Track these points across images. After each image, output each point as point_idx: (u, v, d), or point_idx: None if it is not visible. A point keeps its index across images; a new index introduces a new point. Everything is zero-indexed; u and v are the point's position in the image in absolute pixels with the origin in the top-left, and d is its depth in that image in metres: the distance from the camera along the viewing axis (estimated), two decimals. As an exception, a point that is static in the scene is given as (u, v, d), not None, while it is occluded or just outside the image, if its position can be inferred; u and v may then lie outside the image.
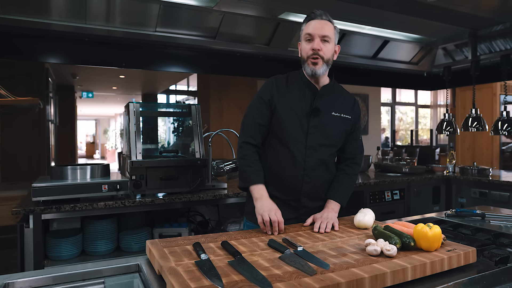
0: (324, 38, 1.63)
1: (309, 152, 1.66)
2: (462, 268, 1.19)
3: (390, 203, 3.22)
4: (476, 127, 3.52)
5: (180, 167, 2.39)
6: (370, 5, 2.76)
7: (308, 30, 1.64)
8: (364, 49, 3.72)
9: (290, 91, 1.70)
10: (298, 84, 1.72)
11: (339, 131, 1.73)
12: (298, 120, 1.67)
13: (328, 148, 1.71)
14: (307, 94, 1.70)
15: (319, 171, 1.70)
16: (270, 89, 1.70)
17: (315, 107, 1.67)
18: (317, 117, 1.67)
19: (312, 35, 1.63)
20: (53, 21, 2.56)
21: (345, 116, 1.74)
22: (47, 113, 6.00)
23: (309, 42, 1.65)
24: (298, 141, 1.66)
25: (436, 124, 10.31)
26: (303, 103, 1.69)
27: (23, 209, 1.98)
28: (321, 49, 1.63)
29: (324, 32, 1.63)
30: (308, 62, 1.65)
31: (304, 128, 1.67)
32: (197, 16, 2.84)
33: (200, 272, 1.03)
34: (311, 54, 1.64)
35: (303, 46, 1.67)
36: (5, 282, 1.10)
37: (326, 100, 1.71)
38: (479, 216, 1.88)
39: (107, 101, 14.45)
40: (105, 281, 1.20)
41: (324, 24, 1.64)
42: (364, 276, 1.01)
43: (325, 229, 1.51)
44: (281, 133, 1.68)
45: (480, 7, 2.90)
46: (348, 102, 1.79)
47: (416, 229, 1.23)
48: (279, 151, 1.69)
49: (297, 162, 1.66)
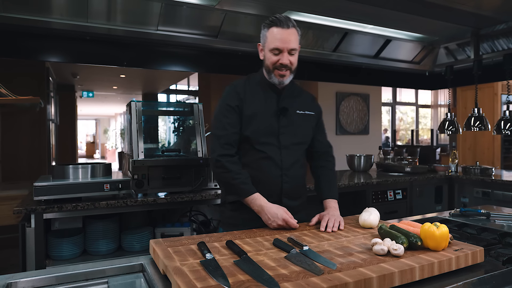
0: (291, 52, 1.63)
1: (284, 152, 1.68)
2: (469, 268, 1.17)
3: (393, 202, 3.21)
4: (479, 127, 3.50)
5: (182, 166, 2.37)
6: (372, 4, 2.74)
7: (275, 43, 1.61)
8: (366, 48, 3.71)
9: (255, 95, 1.70)
10: (261, 86, 1.73)
11: (306, 128, 1.77)
12: (268, 122, 1.67)
13: (299, 146, 1.75)
14: (271, 96, 1.71)
15: (295, 169, 1.72)
16: (237, 95, 1.68)
17: (283, 107, 1.69)
18: (285, 117, 1.69)
19: (280, 49, 1.61)
20: (54, 19, 2.55)
21: (309, 113, 1.78)
22: (48, 113, 5.99)
23: (276, 55, 1.63)
24: (272, 143, 1.67)
25: (436, 124, 10.30)
26: (270, 104, 1.70)
27: (25, 209, 1.96)
28: (290, 62, 1.63)
29: (292, 45, 1.61)
30: (275, 73, 1.65)
31: (275, 129, 1.68)
32: (199, 14, 2.83)
33: (205, 272, 1.02)
34: (279, 66, 1.63)
35: (269, 57, 1.65)
36: (7, 282, 1.09)
37: (290, 99, 1.73)
38: (484, 215, 1.87)
39: (107, 101, 14.44)
40: (108, 281, 1.18)
41: (291, 34, 1.61)
42: (372, 276, 0.99)
43: (333, 228, 1.50)
44: (253, 138, 1.67)
45: (483, 6, 2.88)
46: (308, 100, 1.84)
47: (423, 229, 1.22)
48: (254, 156, 1.68)
49: (274, 164, 1.67)
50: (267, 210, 1.55)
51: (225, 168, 1.62)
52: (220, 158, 1.63)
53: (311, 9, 2.91)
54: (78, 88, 10.40)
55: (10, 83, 3.40)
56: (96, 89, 11.01)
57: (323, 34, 3.35)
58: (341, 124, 7.35)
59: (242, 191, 1.61)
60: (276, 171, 1.67)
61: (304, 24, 3.13)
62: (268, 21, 1.66)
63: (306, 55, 3.47)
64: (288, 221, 1.51)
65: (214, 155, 1.65)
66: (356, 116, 7.55)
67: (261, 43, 1.70)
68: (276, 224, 1.52)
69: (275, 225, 1.52)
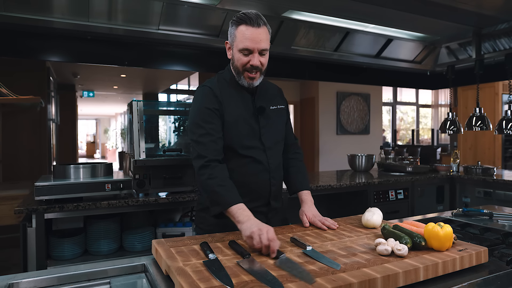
0: (262, 52, 1.52)
1: (269, 154, 1.61)
2: (473, 268, 1.17)
3: (394, 202, 3.20)
4: (480, 126, 3.49)
5: (184, 166, 2.37)
6: (373, 3, 2.73)
7: (245, 43, 1.48)
8: (367, 48, 3.70)
9: (231, 97, 1.59)
10: (234, 87, 1.61)
11: (281, 123, 1.71)
12: (248, 124, 1.58)
13: (280, 144, 1.70)
14: (245, 96, 1.61)
15: (280, 170, 1.69)
16: (215, 98, 1.56)
17: (260, 106, 1.61)
18: (263, 116, 1.62)
19: (251, 50, 1.50)
20: (55, 18, 2.54)
21: (280, 106, 1.71)
22: (48, 112, 5.99)
23: (246, 56, 1.51)
24: (256, 146, 1.59)
25: (437, 123, 10.29)
26: (246, 105, 1.60)
27: (26, 209, 1.96)
28: (260, 63, 1.53)
29: (263, 45, 1.50)
30: (245, 75, 1.55)
31: (256, 131, 1.60)
32: (200, 14, 2.82)
33: (209, 272, 1.01)
34: (249, 68, 1.52)
35: (238, 57, 1.52)
36: (9, 282, 1.09)
37: (263, 97, 1.66)
38: (486, 215, 1.87)
39: (107, 101, 14.45)
40: (111, 281, 1.18)
41: (261, 33, 1.49)
42: (377, 276, 0.99)
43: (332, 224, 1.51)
44: (237, 142, 1.56)
45: (485, 5, 2.88)
46: (276, 92, 1.75)
47: (427, 229, 1.21)
48: (240, 161, 1.57)
49: (263, 167, 1.59)
50: (252, 221, 1.30)
51: (210, 174, 1.45)
52: (208, 164, 1.47)
53: (312, 9, 2.90)
54: (79, 87, 10.40)
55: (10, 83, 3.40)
56: (96, 89, 11.01)
57: (325, 34, 3.35)
58: (341, 124, 7.36)
59: (226, 200, 1.40)
60: (265, 175, 1.60)
61: (305, 24, 3.13)
62: (236, 17, 1.52)
63: (307, 54, 3.47)
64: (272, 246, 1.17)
65: (200, 163, 1.48)
66: (356, 116, 7.56)
67: (228, 41, 1.57)
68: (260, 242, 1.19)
69: (258, 241, 1.20)
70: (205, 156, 1.48)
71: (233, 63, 1.58)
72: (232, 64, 1.59)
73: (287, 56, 3.50)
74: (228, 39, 1.57)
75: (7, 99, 3.19)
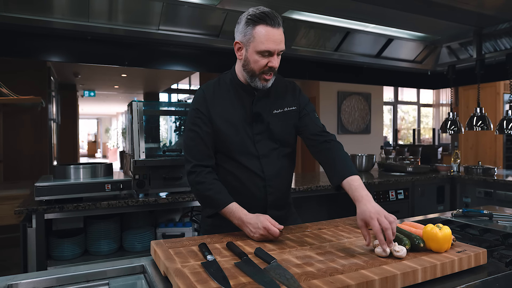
0: (279, 53, 1.46)
1: (264, 162, 1.51)
2: (472, 270, 1.16)
3: (395, 202, 3.20)
4: (481, 126, 3.49)
5: (184, 166, 2.37)
6: (374, 3, 2.73)
7: (267, 45, 1.40)
8: (368, 48, 3.70)
9: (226, 99, 1.53)
10: (234, 88, 1.54)
11: (286, 128, 1.57)
12: (241, 130, 1.50)
13: (280, 150, 1.56)
14: (244, 98, 1.53)
15: (281, 178, 1.56)
16: (204, 101, 1.51)
17: (255, 112, 1.51)
18: (259, 123, 1.52)
19: (272, 52, 1.42)
20: (56, 19, 2.55)
21: (289, 109, 1.57)
22: (49, 112, 6.00)
23: (266, 58, 1.43)
24: (249, 153, 1.50)
25: (438, 123, 10.29)
26: (242, 109, 1.52)
27: (26, 209, 1.96)
28: (278, 64, 1.46)
29: (282, 45, 1.44)
30: (261, 77, 1.46)
31: (250, 137, 1.51)
32: (200, 14, 2.82)
33: (206, 274, 1.01)
34: (267, 70, 1.45)
35: (256, 59, 1.43)
36: (8, 283, 1.09)
37: (265, 100, 1.54)
38: (486, 216, 1.86)
39: (108, 100, 14.47)
40: (109, 282, 1.18)
41: (281, 34, 1.43)
42: (374, 278, 0.99)
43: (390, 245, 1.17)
44: (227, 149, 1.51)
45: (485, 5, 2.87)
46: (289, 92, 1.61)
47: (426, 230, 1.21)
48: (232, 166, 1.52)
49: (255, 176, 1.50)
50: (247, 222, 1.36)
51: (198, 179, 1.46)
52: (195, 169, 1.46)
53: (313, 8, 2.90)
54: (80, 87, 10.42)
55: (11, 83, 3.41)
56: (97, 89, 11.03)
57: (325, 34, 3.35)
58: (342, 124, 7.35)
59: (217, 202, 1.43)
60: (259, 183, 1.51)
61: (306, 23, 3.13)
62: (251, 16, 1.42)
63: (307, 54, 3.47)
64: (270, 229, 1.30)
65: (189, 167, 1.48)
66: (357, 116, 7.55)
67: (241, 41, 1.46)
68: (259, 235, 1.32)
69: (258, 236, 1.32)
70: (191, 161, 1.49)
71: (246, 64, 1.47)
72: (245, 66, 1.48)
73: (287, 56, 3.49)
74: (239, 38, 1.46)
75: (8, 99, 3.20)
